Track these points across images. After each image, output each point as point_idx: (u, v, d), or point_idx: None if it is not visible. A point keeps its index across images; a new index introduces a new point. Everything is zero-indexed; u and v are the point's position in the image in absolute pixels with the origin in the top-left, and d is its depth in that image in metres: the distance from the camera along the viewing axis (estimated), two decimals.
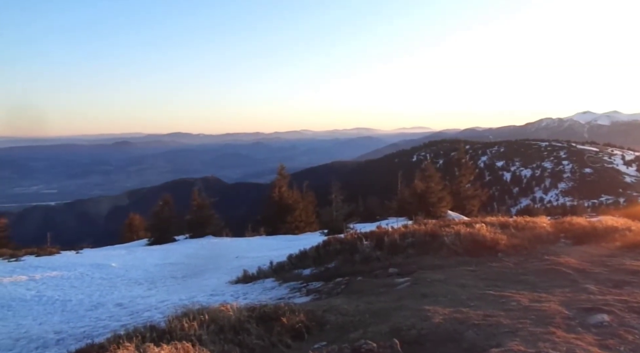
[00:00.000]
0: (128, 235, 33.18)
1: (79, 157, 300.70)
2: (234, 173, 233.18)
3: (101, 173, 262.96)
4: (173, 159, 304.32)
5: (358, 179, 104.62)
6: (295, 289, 8.41)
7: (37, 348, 7.99)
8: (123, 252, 20.41)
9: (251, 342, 4.71)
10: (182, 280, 13.72)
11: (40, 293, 12.63)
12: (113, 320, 9.22)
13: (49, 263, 16.56)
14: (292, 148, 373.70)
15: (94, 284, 13.75)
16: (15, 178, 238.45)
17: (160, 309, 9.28)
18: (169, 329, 5.27)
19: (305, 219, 30.51)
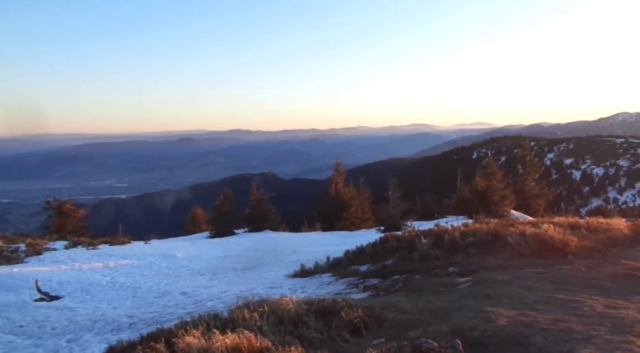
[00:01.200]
0: (191, 227, 34.77)
1: (146, 153, 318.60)
2: (290, 169, 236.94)
3: (166, 168, 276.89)
4: (232, 155, 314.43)
5: (415, 176, 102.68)
6: (352, 285, 8.42)
7: (112, 331, 8.60)
8: (187, 244, 21.40)
9: (310, 335, 4.79)
10: (242, 272, 14.18)
11: (114, 279, 13.55)
12: (179, 307, 9.73)
13: (121, 252, 17.72)
14: (348, 144, 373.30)
15: (161, 273, 14.56)
16: (91, 173, 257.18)
17: (222, 299, 9.66)
18: (232, 318, 5.47)
19: (361, 215, 30.43)
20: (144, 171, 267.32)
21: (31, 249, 17.10)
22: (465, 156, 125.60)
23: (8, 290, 12.18)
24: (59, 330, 9.07)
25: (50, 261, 15.84)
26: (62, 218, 26.49)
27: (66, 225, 26.18)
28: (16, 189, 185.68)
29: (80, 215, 27.61)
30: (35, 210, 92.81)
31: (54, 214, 26.85)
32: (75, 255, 16.93)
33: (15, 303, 11.21)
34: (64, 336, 8.67)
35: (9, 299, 11.50)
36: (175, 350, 4.53)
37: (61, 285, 12.80)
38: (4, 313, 10.53)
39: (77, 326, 9.22)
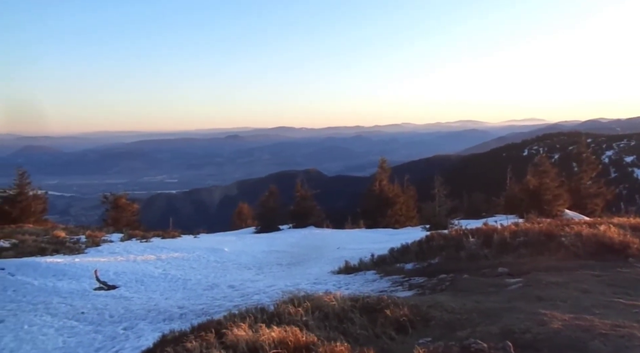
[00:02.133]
0: (237, 222, 35.67)
1: (195, 149, 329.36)
2: (334, 165, 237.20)
3: (214, 164, 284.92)
4: (277, 152, 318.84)
5: (462, 174, 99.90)
6: (397, 283, 8.35)
7: (164, 320, 8.98)
8: (233, 238, 21.97)
9: (355, 332, 4.80)
10: (287, 267, 14.40)
11: (166, 271, 14.14)
12: (227, 300, 10.02)
13: (172, 245, 18.45)
14: (392, 141, 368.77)
15: (210, 266, 15.04)
16: (144, 168, 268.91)
17: (268, 293, 9.85)
18: (278, 313, 5.57)
19: (405, 213, 30.06)
20: (194, 167, 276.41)
21: (90, 240, 18.14)
22: (515, 153, 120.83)
23: (71, 278, 12.99)
24: (116, 318, 9.59)
25: (108, 252, 16.74)
26: (118, 211, 27.95)
27: (121, 218, 27.59)
28: (77, 184, 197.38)
29: (135, 209, 29.01)
30: (94, 204, 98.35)
31: (111, 208, 28.37)
32: (130, 247, 17.80)
33: (77, 291, 11.95)
34: (121, 323, 9.16)
35: (71, 287, 12.27)
36: (225, 341, 4.67)
37: (117, 275, 13.51)
38: (68, 299, 11.26)
39: (132, 314, 9.71)
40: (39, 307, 10.77)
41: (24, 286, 12.30)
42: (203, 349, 4.52)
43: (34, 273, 13.22)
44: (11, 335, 8.93)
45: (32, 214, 24.12)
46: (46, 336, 8.80)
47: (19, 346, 8.41)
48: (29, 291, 12.01)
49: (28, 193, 24.46)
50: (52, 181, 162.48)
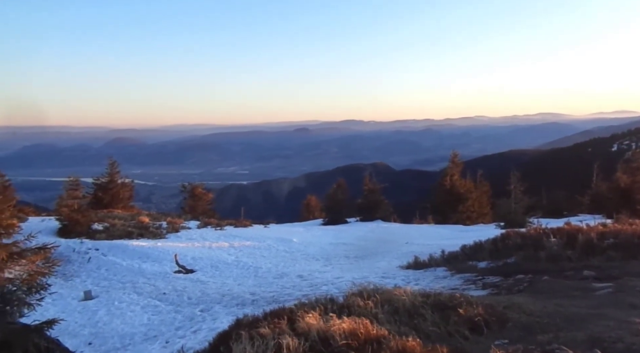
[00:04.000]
0: (305, 214, 36.28)
1: (266, 142, 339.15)
2: (402, 159, 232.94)
3: (283, 157, 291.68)
4: (345, 145, 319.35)
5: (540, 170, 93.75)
6: (470, 281, 8.07)
7: (237, 305, 9.40)
8: (301, 230, 22.41)
9: (426, 328, 4.72)
10: (354, 260, 14.44)
11: (238, 258, 14.77)
12: (296, 289, 10.26)
13: (244, 233, 19.21)
14: (464, 135, 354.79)
15: (279, 256, 15.48)
16: (218, 160, 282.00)
17: (336, 284, 9.95)
18: (347, 304, 5.61)
19: (478, 209, 28.87)
20: (263, 159, 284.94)
21: (171, 227, 19.38)
22: (602, 148, 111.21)
23: (154, 261, 14.00)
24: (194, 300, 10.20)
25: (186, 238, 17.80)
26: (194, 200, 29.58)
27: (198, 206, 29.17)
28: (158, 173, 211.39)
29: (209, 198, 30.54)
30: (173, 192, 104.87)
31: (188, 197, 30.10)
32: (206, 234, 18.79)
33: (160, 273, 12.86)
34: (198, 306, 9.72)
35: (155, 269, 13.23)
36: (296, 328, 4.79)
37: (195, 260, 14.34)
38: (152, 280, 12.15)
39: (208, 298, 10.27)
40: (127, 286, 11.74)
41: (114, 266, 13.47)
42: (276, 335, 4.66)
43: (123, 255, 14.41)
44: (104, 310, 9.82)
45: (121, 201, 26.22)
46: (133, 312, 9.57)
47: (110, 320, 9.23)
48: (119, 271, 13.13)
49: (117, 181, 26.62)
50: (137, 170, 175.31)
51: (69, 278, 12.73)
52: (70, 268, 13.49)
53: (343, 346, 4.13)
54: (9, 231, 6.77)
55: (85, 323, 9.15)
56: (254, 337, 4.71)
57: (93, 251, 14.63)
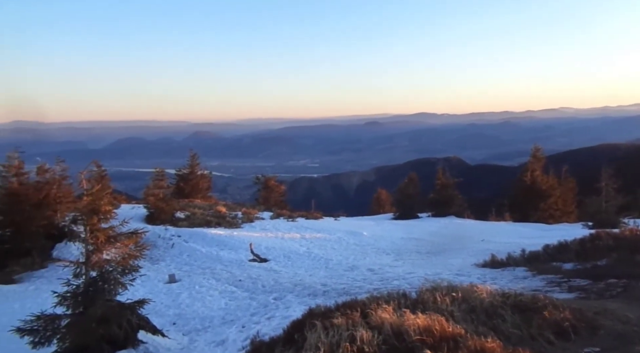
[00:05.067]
0: (375, 208, 36.06)
1: (336, 135, 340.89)
2: (477, 153, 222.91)
3: (353, 150, 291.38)
4: (417, 138, 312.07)
5: (637, 166, 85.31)
6: (554, 283, 7.57)
7: (309, 295, 9.60)
8: (372, 223, 22.32)
9: (506, 330, 4.51)
10: (426, 255, 14.14)
11: (309, 250, 15.06)
12: (366, 282, 10.26)
13: (315, 225, 19.52)
14: (546, 128, 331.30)
15: (349, 248, 15.56)
16: (289, 153, 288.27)
17: (408, 280, 9.81)
18: (421, 300, 5.51)
19: (562, 207, 26.95)
20: (334, 152, 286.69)
21: (246, 217, 20.19)
22: None
23: (230, 249, 14.69)
24: (268, 288, 10.56)
25: (260, 228, 18.46)
26: (267, 191, 30.53)
27: (271, 198, 30.08)
28: (234, 165, 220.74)
29: (282, 190, 31.37)
30: (247, 184, 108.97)
31: (262, 189, 31.13)
32: (279, 224, 19.35)
33: (236, 261, 13.47)
34: (271, 294, 10.06)
35: (231, 257, 13.88)
36: (369, 321, 4.80)
37: (268, 249, 14.84)
38: (228, 267, 12.77)
39: (281, 287, 10.59)
40: (207, 272, 12.43)
41: (195, 252, 14.32)
42: (349, 326, 4.70)
43: (202, 242, 15.27)
44: (187, 293, 10.49)
45: (200, 191, 27.77)
46: (212, 297, 10.13)
47: (192, 303, 9.84)
48: (199, 257, 13.94)
49: (197, 173, 28.23)
50: (214, 162, 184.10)
51: (155, 262, 13.74)
52: (156, 252, 14.55)
53: (417, 342, 4.07)
54: (107, 216, 7.41)
55: (170, 304, 9.83)
56: (327, 327, 4.79)
57: (176, 238, 15.65)
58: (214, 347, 6.80)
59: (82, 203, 7.37)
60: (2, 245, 13.69)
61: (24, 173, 14.22)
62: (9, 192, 13.84)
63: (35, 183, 14.46)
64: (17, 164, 14.09)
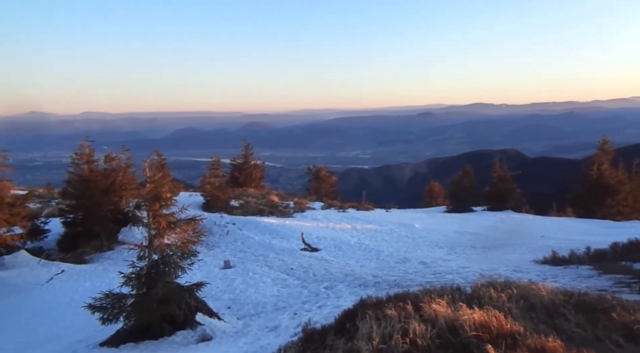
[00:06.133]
0: (428, 200, 35.37)
1: (388, 127, 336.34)
2: (537, 146, 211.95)
3: (405, 141, 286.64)
4: (472, 130, 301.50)
5: None
6: (622, 283, 7.11)
7: (359, 286, 9.61)
8: (424, 216, 21.92)
9: (569, 329, 4.29)
10: (481, 250, 13.71)
11: (361, 241, 15.04)
12: (418, 275, 10.12)
13: (366, 217, 19.45)
14: (616, 119, 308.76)
15: (401, 241, 15.39)
16: (341, 144, 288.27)
17: (462, 274, 9.57)
18: (477, 295, 5.35)
19: (632, 204, 25.13)
20: (385, 144, 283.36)
21: (297, 206, 20.48)
22: None
23: (282, 238, 14.98)
24: (319, 277, 10.69)
25: (311, 218, 18.66)
26: (318, 182, 30.76)
27: (322, 188, 30.29)
28: (286, 156, 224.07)
29: (333, 181, 31.50)
30: (298, 174, 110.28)
31: (313, 179, 31.41)
32: (329, 215, 19.47)
33: (287, 249, 13.73)
34: (322, 283, 10.17)
35: (283, 245, 14.15)
36: (422, 314, 4.73)
37: (319, 239, 14.99)
38: (280, 255, 13.04)
39: (332, 276, 10.68)
40: (260, 259, 12.77)
41: (248, 240, 14.74)
42: (402, 318, 4.66)
43: (255, 230, 15.68)
44: (241, 279, 10.84)
45: (253, 181, 28.48)
46: (265, 284, 10.40)
47: (246, 288, 10.16)
48: (252, 245, 14.34)
49: (251, 163, 28.94)
50: (267, 153, 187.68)
51: (211, 248, 14.29)
52: (212, 239, 15.11)
53: (473, 337, 3.97)
54: (168, 203, 7.79)
55: (225, 289, 10.21)
56: (379, 318, 4.78)
57: (230, 225, 16.17)
58: (267, 332, 6.98)
59: (145, 189, 7.79)
60: (75, 227, 14.78)
61: (93, 161, 15.20)
62: (81, 178, 14.87)
63: (103, 170, 15.41)
64: (88, 153, 15.08)
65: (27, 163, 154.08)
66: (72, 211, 15.06)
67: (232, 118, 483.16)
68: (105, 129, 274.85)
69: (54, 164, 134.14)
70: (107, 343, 7.12)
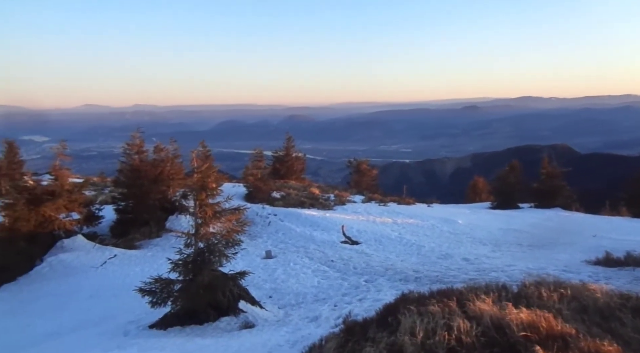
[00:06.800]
0: (471, 195, 34.48)
1: (430, 120, 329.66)
2: (590, 141, 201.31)
3: (448, 135, 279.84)
4: (520, 124, 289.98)
5: None
6: None
7: (400, 280, 9.55)
8: (467, 211, 21.39)
9: (626, 334, 4.10)
10: (528, 248, 13.25)
11: (401, 235, 14.91)
12: (461, 272, 9.93)
13: (407, 211, 19.23)
14: None
15: (443, 236, 15.11)
16: (382, 137, 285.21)
17: (507, 272, 9.31)
18: (525, 294, 5.20)
19: None
20: (427, 138, 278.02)
21: (338, 199, 20.53)
22: None
23: (323, 230, 15.07)
24: (359, 270, 10.70)
25: (351, 211, 18.66)
26: (359, 175, 30.68)
27: (362, 181, 30.19)
28: (326, 149, 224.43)
29: (374, 174, 31.32)
30: (339, 167, 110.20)
31: (354, 172, 31.35)
32: (370, 208, 19.38)
33: (328, 242, 13.81)
34: (363, 276, 10.18)
35: (323, 237, 14.24)
36: (467, 311, 4.65)
37: (360, 232, 14.97)
38: (321, 247, 13.14)
39: (372, 270, 10.66)
40: (300, 250, 12.92)
41: (289, 231, 14.94)
42: (445, 315, 4.60)
43: (296, 222, 15.86)
44: (282, 269, 11.02)
45: (294, 173, 28.77)
46: (306, 275, 10.52)
47: (286, 279, 10.32)
48: (293, 236, 14.52)
49: (292, 155, 29.24)
50: (308, 145, 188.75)
51: (253, 238, 14.59)
52: (254, 229, 15.42)
53: (521, 337, 3.86)
54: (213, 193, 8.01)
55: (267, 278, 10.41)
56: (422, 314, 4.74)
57: (272, 216, 16.43)
58: (307, 322, 7.08)
59: (192, 179, 8.04)
60: (126, 214, 15.49)
61: (144, 151, 15.84)
62: (132, 168, 15.56)
63: (153, 160, 16.04)
64: (138, 143, 15.74)
65: (83, 153, 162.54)
66: (124, 199, 15.80)
67: (275, 111, 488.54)
68: (154, 121, 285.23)
69: (107, 154, 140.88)
70: (156, 326, 7.44)
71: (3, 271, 12.29)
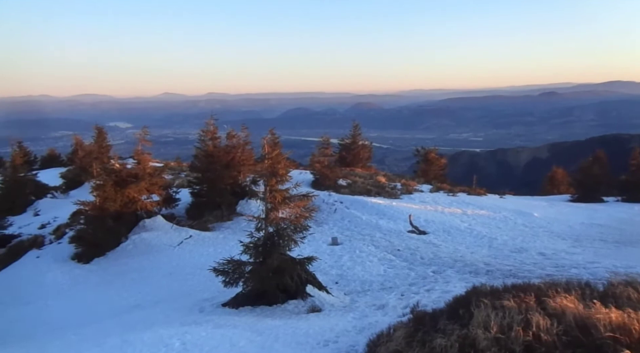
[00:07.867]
0: (548, 187, 32.42)
1: (504, 108, 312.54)
2: None
3: (523, 124, 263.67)
4: (606, 111, 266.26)
5: None
6: None
7: (470, 273, 9.24)
8: (544, 204, 20.14)
9: None
10: (613, 245, 12.24)
11: (471, 227, 14.37)
12: (537, 267, 9.41)
13: (478, 202, 18.47)
14: None
15: (517, 229, 14.37)
16: (452, 126, 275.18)
17: (589, 270, 8.69)
18: (613, 293, 4.82)
19: None
20: (500, 126, 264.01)
21: (404, 188, 20.18)
22: None
23: (389, 219, 14.92)
24: (426, 260, 10.49)
25: (419, 200, 18.27)
26: (427, 164, 29.86)
27: (430, 171, 29.37)
28: (393, 137, 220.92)
29: (442, 164, 30.34)
30: (405, 156, 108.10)
31: (421, 161, 30.56)
32: (438, 198, 18.86)
33: (394, 230, 13.65)
34: (430, 267, 9.97)
35: (390, 226, 14.10)
36: (546, 308, 4.40)
37: (427, 222, 14.64)
38: (387, 236, 13.03)
39: (440, 261, 10.41)
40: (366, 238, 12.90)
41: (355, 219, 14.94)
42: (522, 310, 4.39)
43: (362, 210, 15.82)
44: (348, 256, 11.08)
45: (360, 161, 28.64)
46: (372, 263, 10.50)
47: (352, 266, 10.37)
48: (359, 224, 14.52)
49: (358, 143, 29.10)
50: (374, 133, 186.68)
51: (320, 225, 14.76)
52: (321, 216, 15.59)
53: (609, 338, 3.59)
54: (283, 179, 8.19)
55: (333, 265, 10.52)
56: (497, 308, 4.55)
57: (338, 204, 16.52)
58: (374, 309, 7.07)
59: (263, 165, 8.27)
60: (200, 198, 16.32)
61: (217, 138, 16.53)
62: (206, 153, 16.32)
63: (225, 146, 16.69)
64: (212, 130, 16.44)
65: (160, 139, 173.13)
66: (198, 183, 16.64)
67: (342, 98, 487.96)
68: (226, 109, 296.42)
69: (182, 140, 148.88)
70: (228, 304, 7.82)
71: (95, 247, 13.51)
